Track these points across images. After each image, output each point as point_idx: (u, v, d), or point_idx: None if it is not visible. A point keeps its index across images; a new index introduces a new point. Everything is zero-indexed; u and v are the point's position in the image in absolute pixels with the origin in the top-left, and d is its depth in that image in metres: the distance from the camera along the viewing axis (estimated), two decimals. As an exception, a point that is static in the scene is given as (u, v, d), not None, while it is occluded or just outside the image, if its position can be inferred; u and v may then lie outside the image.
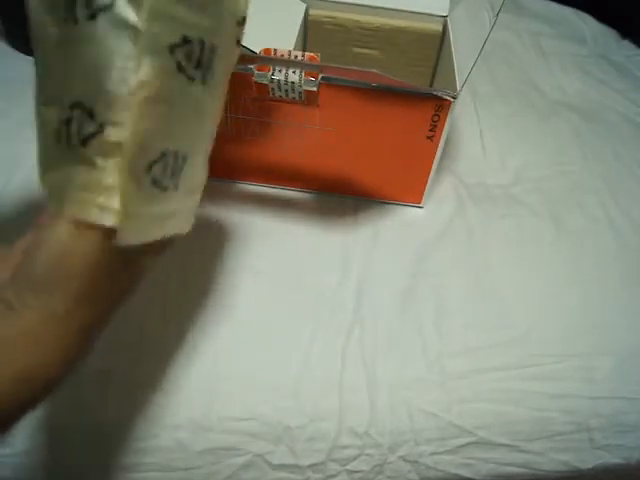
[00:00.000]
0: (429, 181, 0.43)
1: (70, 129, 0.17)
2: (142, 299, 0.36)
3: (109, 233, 0.18)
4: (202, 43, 0.18)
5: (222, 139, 0.47)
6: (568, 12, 0.72)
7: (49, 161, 0.19)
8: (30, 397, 0.19)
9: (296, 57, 0.36)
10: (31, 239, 0.20)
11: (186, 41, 0.17)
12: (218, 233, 0.42)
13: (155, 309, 0.36)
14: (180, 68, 0.18)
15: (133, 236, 0.19)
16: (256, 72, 0.36)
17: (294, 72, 0.35)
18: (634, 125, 0.56)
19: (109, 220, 0.18)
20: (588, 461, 0.34)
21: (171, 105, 0.18)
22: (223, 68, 0.21)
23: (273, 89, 0.36)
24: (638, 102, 0.59)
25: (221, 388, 0.34)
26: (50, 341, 0.19)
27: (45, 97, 0.18)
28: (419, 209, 0.45)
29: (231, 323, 0.36)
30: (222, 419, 0.33)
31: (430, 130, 0.38)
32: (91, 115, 0.17)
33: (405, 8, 0.45)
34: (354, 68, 0.34)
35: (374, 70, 0.33)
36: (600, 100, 0.59)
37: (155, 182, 0.19)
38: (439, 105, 0.37)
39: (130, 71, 0.16)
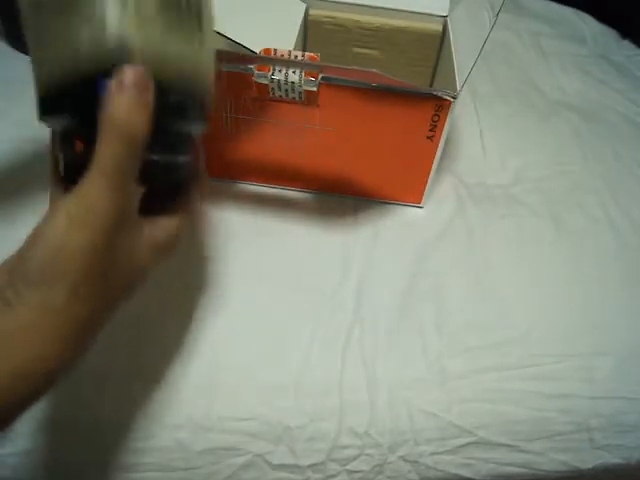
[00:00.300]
0: (429, 181, 0.43)
1: None
2: (141, 299, 0.36)
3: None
4: None
5: (222, 139, 0.47)
6: (568, 12, 0.72)
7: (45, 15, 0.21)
8: (30, 392, 0.19)
9: (296, 57, 0.36)
10: (28, 238, 0.20)
11: None
12: (218, 233, 0.42)
13: (154, 309, 0.36)
14: None
15: (152, 46, 0.21)
16: (256, 72, 0.36)
17: (294, 72, 0.35)
18: (634, 125, 0.56)
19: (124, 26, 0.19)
20: (588, 461, 0.34)
21: None
22: None
23: (273, 89, 0.36)
24: (638, 102, 0.59)
25: (221, 388, 0.34)
26: (48, 334, 0.19)
27: None
28: (419, 209, 0.45)
29: (231, 323, 0.36)
30: (222, 419, 0.33)
31: (430, 130, 0.38)
32: None
33: (405, 8, 0.45)
34: (354, 68, 0.34)
35: (374, 70, 0.33)
36: (600, 100, 0.59)
37: (171, 9, 0.21)
38: (439, 105, 0.37)
39: None
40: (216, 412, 0.33)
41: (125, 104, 0.20)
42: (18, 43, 0.54)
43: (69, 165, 0.23)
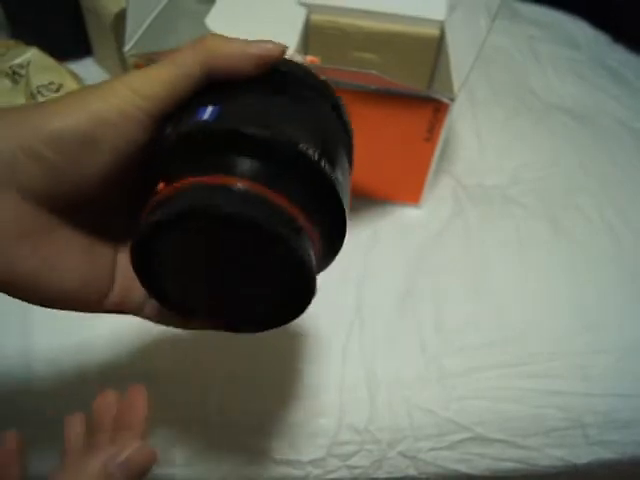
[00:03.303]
0: (427, 182, 0.44)
1: None
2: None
3: None
4: None
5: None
6: (562, 17, 0.73)
7: None
8: None
9: (297, 60, 0.37)
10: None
11: None
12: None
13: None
14: None
15: None
16: (258, 75, 0.36)
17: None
18: (628, 128, 0.57)
19: None
20: (583, 456, 0.35)
21: None
22: None
23: (274, 91, 0.37)
24: (632, 106, 0.60)
25: (221, 385, 0.34)
26: None
27: None
28: (417, 210, 0.46)
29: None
30: (223, 415, 0.33)
31: (428, 132, 0.39)
32: None
33: (403, 13, 0.46)
34: (354, 70, 0.35)
35: (374, 72, 0.33)
36: (594, 104, 0.60)
37: None
38: (437, 107, 0.37)
39: None
40: (217, 408, 0.33)
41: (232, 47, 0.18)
42: (23, 33, 0.53)
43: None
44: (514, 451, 0.34)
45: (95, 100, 0.17)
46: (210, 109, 0.17)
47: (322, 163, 0.17)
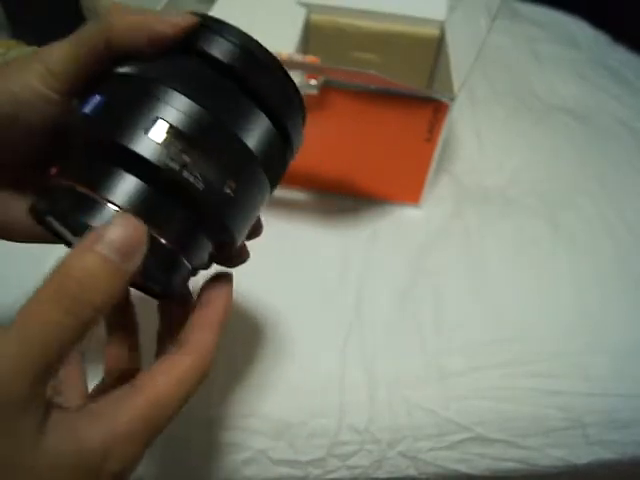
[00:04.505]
0: (427, 182, 0.44)
1: None
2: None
3: None
4: None
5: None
6: (563, 17, 0.73)
7: None
8: None
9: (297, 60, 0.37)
10: None
11: None
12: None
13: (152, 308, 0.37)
14: None
15: None
16: (258, 75, 0.36)
17: (295, 75, 0.36)
18: (628, 128, 0.57)
19: None
20: (583, 457, 0.35)
21: None
22: None
23: (274, 91, 0.37)
24: (632, 105, 0.60)
25: (222, 385, 0.34)
26: None
27: None
28: (417, 209, 0.46)
29: (232, 322, 0.37)
30: (223, 415, 0.33)
31: (428, 132, 0.39)
32: None
33: (403, 13, 0.46)
34: (354, 69, 0.35)
35: (373, 71, 0.33)
36: (595, 104, 0.60)
37: None
38: (437, 107, 0.37)
39: None
40: (217, 409, 0.33)
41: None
42: (23, 33, 0.53)
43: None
44: (514, 451, 0.34)
45: (16, 80, 0.19)
46: (95, 100, 0.18)
47: (199, 186, 0.17)
